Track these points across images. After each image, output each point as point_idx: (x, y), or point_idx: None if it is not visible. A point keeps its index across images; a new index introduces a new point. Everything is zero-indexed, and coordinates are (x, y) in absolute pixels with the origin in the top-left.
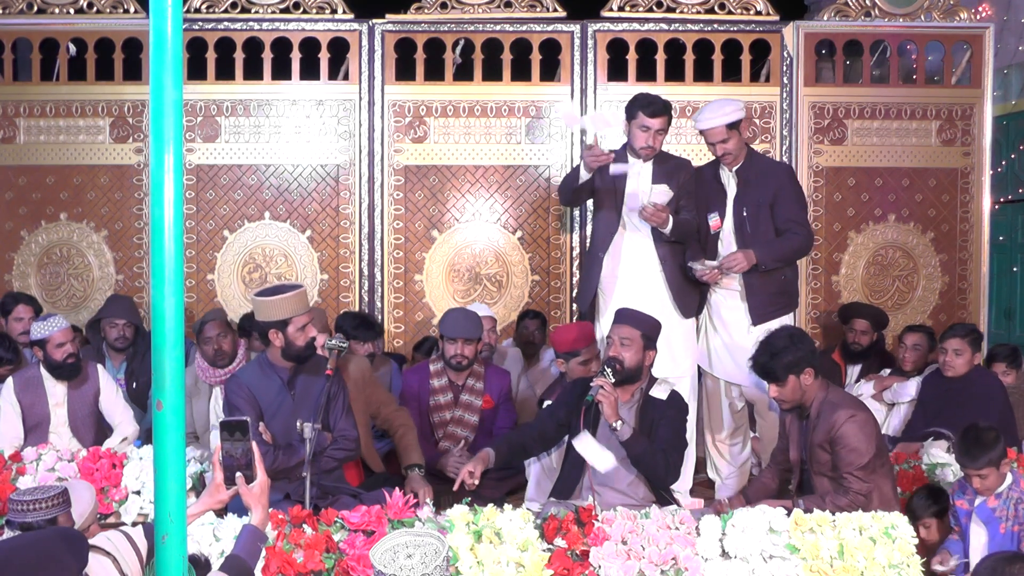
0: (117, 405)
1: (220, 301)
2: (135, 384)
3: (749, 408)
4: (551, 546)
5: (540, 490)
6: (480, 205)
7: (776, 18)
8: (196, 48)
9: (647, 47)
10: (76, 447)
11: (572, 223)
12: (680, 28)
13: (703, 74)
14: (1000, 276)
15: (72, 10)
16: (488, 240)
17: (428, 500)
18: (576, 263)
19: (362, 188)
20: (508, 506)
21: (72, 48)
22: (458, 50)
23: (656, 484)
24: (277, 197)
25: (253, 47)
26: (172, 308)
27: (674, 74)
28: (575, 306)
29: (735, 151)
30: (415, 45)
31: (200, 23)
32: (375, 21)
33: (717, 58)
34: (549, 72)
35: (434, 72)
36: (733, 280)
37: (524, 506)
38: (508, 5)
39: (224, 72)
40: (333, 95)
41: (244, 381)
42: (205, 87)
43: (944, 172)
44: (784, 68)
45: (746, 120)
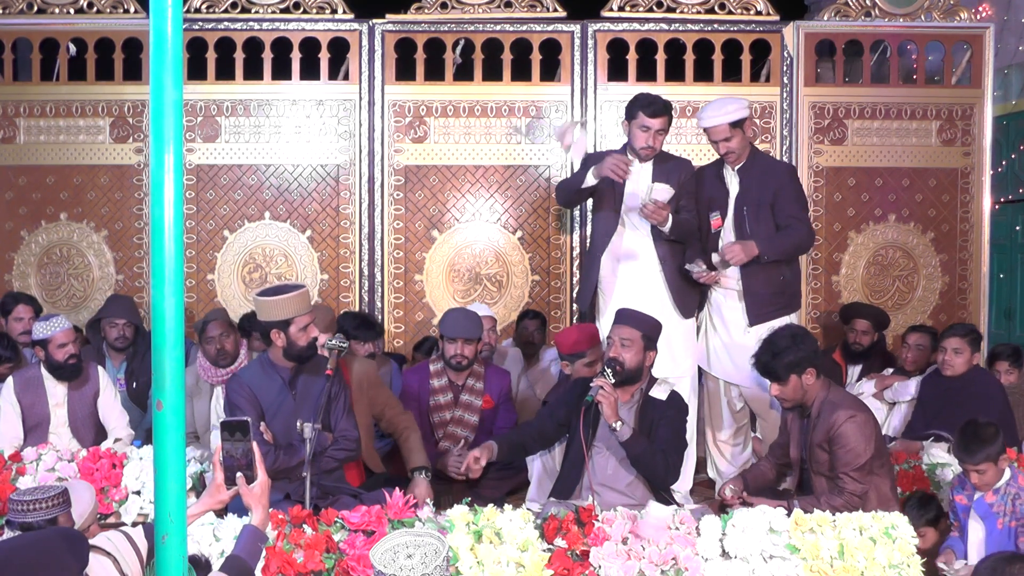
0: (113, 409)
1: (220, 301)
2: (135, 384)
3: (750, 408)
4: (551, 546)
5: (542, 490)
6: (480, 205)
7: (776, 18)
8: (196, 48)
9: (647, 47)
10: (76, 447)
11: (572, 223)
12: (680, 28)
13: (703, 74)
14: (1000, 276)
15: (72, 10)
16: (488, 240)
17: (428, 500)
18: (576, 263)
19: (362, 188)
20: (508, 506)
21: (72, 48)
22: (458, 50)
23: (656, 484)
24: (277, 197)
25: (253, 47)
26: (172, 308)
27: (674, 74)
28: (575, 306)
29: (738, 149)
30: (415, 45)
31: (200, 23)
32: (375, 21)
33: (717, 58)
34: (549, 72)
35: (434, 72)
36: (732, 279)
37: (525, 506)
38: (508, 5)
39: (224, 72)
40: (333, 95)
41: (245, 381)
42: (205, 87)
43: (944, 172)
44: (784, 68)
45: (750, 119)
